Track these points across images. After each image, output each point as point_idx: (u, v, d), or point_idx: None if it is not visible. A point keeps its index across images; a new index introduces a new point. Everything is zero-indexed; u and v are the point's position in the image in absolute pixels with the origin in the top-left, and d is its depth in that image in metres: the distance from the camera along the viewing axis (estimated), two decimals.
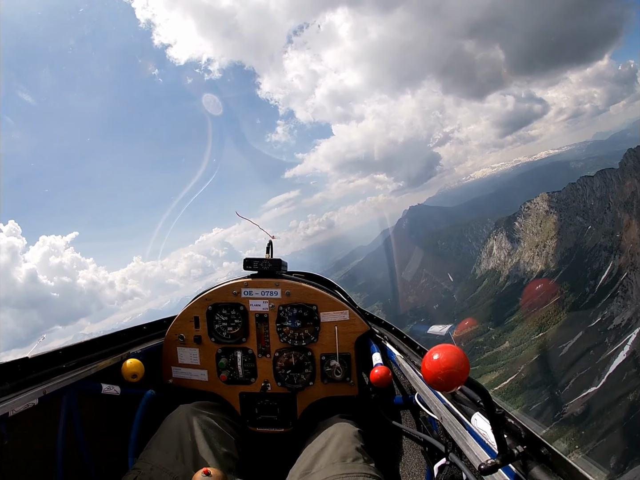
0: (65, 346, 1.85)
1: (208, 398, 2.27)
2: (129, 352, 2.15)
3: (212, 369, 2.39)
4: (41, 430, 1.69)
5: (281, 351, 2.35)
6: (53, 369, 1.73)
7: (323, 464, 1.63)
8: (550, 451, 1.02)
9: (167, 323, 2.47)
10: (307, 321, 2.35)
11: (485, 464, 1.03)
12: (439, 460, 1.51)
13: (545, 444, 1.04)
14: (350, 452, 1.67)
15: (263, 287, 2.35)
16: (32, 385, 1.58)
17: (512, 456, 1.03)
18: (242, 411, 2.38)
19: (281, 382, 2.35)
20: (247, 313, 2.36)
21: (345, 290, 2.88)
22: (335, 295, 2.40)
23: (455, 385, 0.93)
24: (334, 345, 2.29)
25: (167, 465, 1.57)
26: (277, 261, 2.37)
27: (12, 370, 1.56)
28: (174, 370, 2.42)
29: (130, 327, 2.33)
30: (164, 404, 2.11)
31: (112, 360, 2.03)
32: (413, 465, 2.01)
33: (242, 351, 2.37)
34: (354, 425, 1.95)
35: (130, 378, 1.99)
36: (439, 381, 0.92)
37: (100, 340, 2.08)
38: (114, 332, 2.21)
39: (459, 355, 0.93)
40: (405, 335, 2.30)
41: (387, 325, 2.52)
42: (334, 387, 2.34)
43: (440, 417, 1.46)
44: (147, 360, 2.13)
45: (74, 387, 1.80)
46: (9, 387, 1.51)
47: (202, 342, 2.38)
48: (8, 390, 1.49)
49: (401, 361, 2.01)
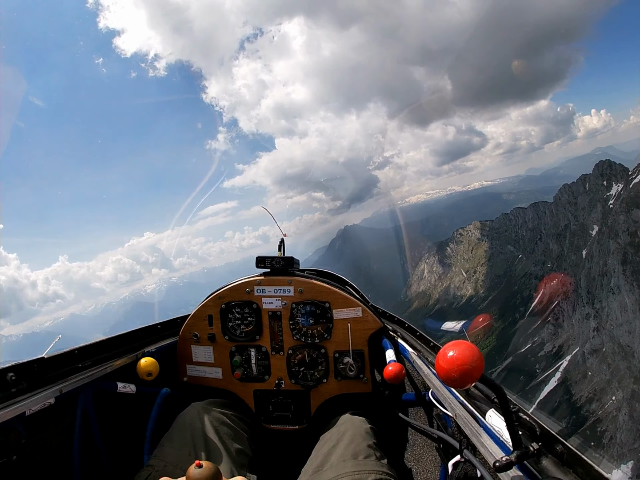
0: (81, 346, 1.87)
1: (222, 396, 2.31)
2: (144, 351, 2.18)
3: (227, 366, 2.39)
4: (58, 428, 1.72)
5: (294, 348, 2.36)
6: (69, 368, 1.75)
7: (335, 461, 1.63)
8: (566, 448, 1.02)
9: (181, 321, 2.49)
10: (320, 318, 2.34)
11: (500, 460, 1.02)
12: (453, 457, 1.51)
13: (560, 441, 1.04)
14: (362, 449, 1.66)
15: (276, 284, 2.35)
16: (49, 385, 1.60)
17: (527, 453, 1.02)
18: (256, 408, 2.39)
19: (295, 380, 2.35)
20: (260, 311, 2.36)
21: (358, 287, 2.93)
22: (348, 292, 2.38)
23: (469, 381, 0.92)
24: (347, 342, 2.29)
25: (180, 461, 1.58)
26: (289, 259, 2.37)
27: (29, 369, 1.58)
28: (189, 368, 2.43)
29: (145, 326, 2.37)
30: (179, 402, 2.11)
31: (127, 359, 2.05)
32: (427, 462, 2.03)
33: (255, 349, 2.38)
34: (366, 422, 1.94)
35: (146, 376, 2.01)
36: (453, 378, 0.92)
37: (116, 340, 2.10)
38: (129, 331, 2.24)
39: (473, 351, 0.92)
40: (419, 331, 2.34)
41: (401, 321, 2.56)
42: (348, 384, 2.33)
43: (455, 414, 1.45)
44: (162, 358, 2.15)
45: (89, 386, 1.82)
46: (25, 387, 1.52)
47: (216, 340, 2.39)
48: (25, 390, 1.51)
49: (415, 358, 2.02)
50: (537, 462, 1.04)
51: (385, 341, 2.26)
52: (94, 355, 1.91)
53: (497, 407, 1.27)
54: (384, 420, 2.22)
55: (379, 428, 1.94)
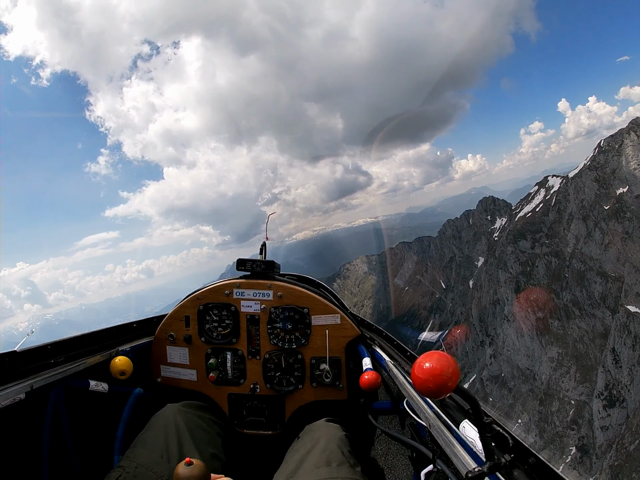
0: (54, 341, 1.84)
1: (196, 398, 2.25)
2: (118, 350, 2.11)
3: (202, 369, 2.33)
4: (27, 424, 1.68)
5: (271, 353, 2.32)
6: (41, 363, 1.71)
7: (308, 468, 1.59)
8: (538, 460, 1.03)
9: (158, 321, 2.42)
10: (298, 324, 2.30)
11: (473, 471, 1.03)
12: (426, 467, 1.51)
13: (532, 453, 1.05)
14: (336, 456, 1.63)
15: (255, 288, 2.32)
16: (19, 380, 1.57)
17: (499, 464, 1.03)
18: (230, 412, 2.34)
19: (270, 385, 2.31)
20: (239, 314, 2.32)
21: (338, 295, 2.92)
22: (327, 299, 2.37)
23: (444, 392, 0.93)
24: (325, 348, 2.27)
25: (152, 464, 1.56)
26: (270, 263, 2.34)
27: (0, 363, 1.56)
28: (163, 369, 2.37)
29: (120, 324, 2.31)
30: (152, 403, 2.09)
31: (100, 357, 1.99)
32: (400, 470, 2.05)
33: (232, 352, 2.33)
34: (341, 429, 1.90)
35: (119, 375, 1.96)
36: (428, 388, 0.92)
37: (90, 337, 2.06)
38: (104, 329, 2.18)
39: (449, 362, 0.93)
40: (396, 340, 2.32)
41: (378, 330, 2.53)
42: (323, 390, 2.31)
43: (429, 423, 1.46)
44: (136, 358, 2.10)
45: (61, 383, 1.77)
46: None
47: (192, 342, 2.33)
48: None
49: (391, 367, 2.00)
50: (509, 474, 1.04)
51: (362, 349, 2.24)
52: (67, 352, 1.87)
53: (471, 418, 1.28)
54: (359, 428, 2.21)
55: (353, 436, 1.90)
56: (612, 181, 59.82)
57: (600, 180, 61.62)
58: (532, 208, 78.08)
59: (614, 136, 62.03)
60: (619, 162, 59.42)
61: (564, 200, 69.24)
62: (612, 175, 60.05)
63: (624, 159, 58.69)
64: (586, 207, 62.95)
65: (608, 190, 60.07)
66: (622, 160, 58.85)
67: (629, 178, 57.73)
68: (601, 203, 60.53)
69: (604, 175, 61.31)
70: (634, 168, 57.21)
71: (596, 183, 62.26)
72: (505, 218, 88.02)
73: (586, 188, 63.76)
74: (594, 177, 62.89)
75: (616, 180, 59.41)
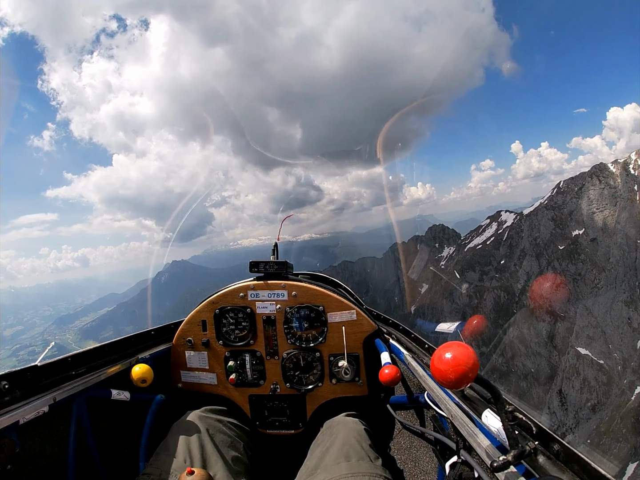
0: (74, 353, 1.84)
1: (218, 401, 2.30)
2: (138, 358, 2.14)
3: (221, 372, 2.37)
4: (52, 437, 1.70)
5: (289, 353, 2.34)
6: (62, 375, 1.73)
7: (328, 464, 1.61)
8: (562, 447, 1.02)
9: (175, 327, 2.44)
10: (314, 322, 2.32)
11: (497, 460, 1.02)
12: (450, 458, 1.51)
13: (557, 439, 1.04)
14: (356, 451, 1.65)
15: (269, 289, 2.33)
16: (42, 393, 1.58)
17: (523, 452, 1.03)
18: (251, 414, 2.38)
19: (290, 384, 2.34)
20: (255, 315, 2.34)
21: (352, 290, 2.92)
22: (342, 296, 2.38)
23: (465, 382, 0.92)
24: (342, 345, 2.27)
25: (176, 469, 1.59)
26: (282, 263, 2.35)
27: (22, 378, 1.56)
28: (183, 374, 2.41)
29: (139, 332, 2.33)
30: (174, 409, 2.14)
31: (121, 366, 2.02)
32: (425, 463, 2.05)
33: (250, 354, 2.36)
34: (360, 423, 1.94)
35: (140, 383, 1.99)
36: (448, 379, 0.92)
37: (109, 346, 2.07)
38: (123, 338, 2.19)
39: (468, 352, 0.92)
40: (414, 333, 2.33)
41: (395, 324, 2.55)
42: (343, 387, 2.34)
43: (451, 415, 1.47)
44: (156, 365, 2.14)
45: (83, 394, 1.80)
46: (19, 395, 1.51)
47: (210, 346, 2.36)
48: (18, 399, 1.50)
49: (410, 360, 2.02)
50: (534, 461, 1.04)
51: (380, 344, 2.25)
52: (87, 363, 1.87)
53: (492, 407, 1.29)
54: (380, 423, 2.26)
55: (374, 431, 1.94)
56: (569, 222, 60.85)
57: (557, 220, 62.53)
58: (483, 240, 77.83)
59: (575, 179, 63.95)
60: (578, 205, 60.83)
61: (516, 236, 69.40)
62: (569, 216, 61.17)
63: (584, 202, 60.12)
64: (540, 245, 63.15)
65: (564, 231, 60.87)
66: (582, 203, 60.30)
67: (586, 221, 59.00)
68: (556, 243, 60.99)
69: (561, 216, 62.35)
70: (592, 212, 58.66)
71: (552, 222, 63.03)
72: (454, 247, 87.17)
73: (542, 226, 64.29)
74: (550, 216, 63.71)
75: (573, 221, 60.52)
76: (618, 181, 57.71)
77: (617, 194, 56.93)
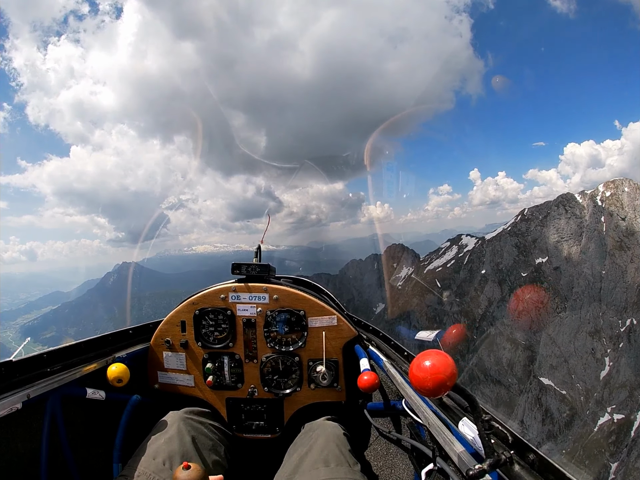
0: (49, 350, 1.82)
1: (194, 404, 2.24)
2: (114, 357, 2.10)
3: (199, 374, 2.34)
4: (25, 434, 1.67)
5: (268, 356, 2.32)
6: (37, 372, 1.70)
7: (306, 469, 1.58)
8: (538, 456, 1.03)
9: (154, 327, 2.40)
10: (294, 326, 2.30)
11: (473, 469, 1.03)
12: (426, 466, 1.51)
13: (532, 449, 1.05)
14: (335, 456, 1.63)
15: (251, 291, 2.31)
16: (16, 389, 1.56)
17: (499, 461, 1.03)
18: (228, 417, 2.35)
19: (268, 388, 2.32)
20: (235, 318, 2.31)
21: (333, 296, 2.90)
22: (324, 301, 2.37)
23: (442, 390, 0.93)
24: (322, 350, 2.26)
25: (155, 471, 1.54)
26: (265, 266, 2.34)
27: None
28: (160, 375, 2.36)
29: (116, 331, 2.30)
30: (150, 410, 2.12)
31: (97, 365, 1.98)
32: (401, 470, 2.05)
33: (229, 356, 2.32)
34: (340, 427, 1.93)
35: (116, 383, 1.94)
36: (426, 387, 0.92)
37: (86, 344, 2.04)
38: (99, 336, 2.15)
39: (446, 361, 0.93)
40: (393, 340, 2.32)
41: (375, 330, 2.53)
42: (322, 392, 2.32)
43: (428, 422, 1.47)
44: (133, 364, 2.10)
45: (58, 392, 1.77)
46: None
47: (189, 347, 2.33)
48: None
49: (389, 367, 2.02)
50: (510, 470, 1.05)
51: (360, 350, 2.25)
52: (63, 360, 1.84)
53: (469, 415, 1.29)
54: (357, 429, 2.25)
55: (352, 436, 1.94)
56: (533, 250, 60.84)
57: (521, 247, 62.40)
58: (443, 263, 76.29)
59: (540, 207, 64.89)
60: (542, 233, 61.23)
61: (477, 261, 68.42)
62: (533, 244, 61.25)
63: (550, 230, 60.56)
64: (503, 271, 62.30)
65: (527, 258, 60.62)
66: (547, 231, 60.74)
67: (550, 249, 59.26)
68: (519, 269, 60.47)
69: (524, 243, 62.31)
70: (556, 241, 59.16)
71: (516, 249, 62.79)
72: (412, 268, 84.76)
73: (505, 252, 63.77)
74: (514, 243, 63.53)
75: (537, 249, 60.58)
76: (585, 212, 59.16)
77: (584, 224, 58.12)
